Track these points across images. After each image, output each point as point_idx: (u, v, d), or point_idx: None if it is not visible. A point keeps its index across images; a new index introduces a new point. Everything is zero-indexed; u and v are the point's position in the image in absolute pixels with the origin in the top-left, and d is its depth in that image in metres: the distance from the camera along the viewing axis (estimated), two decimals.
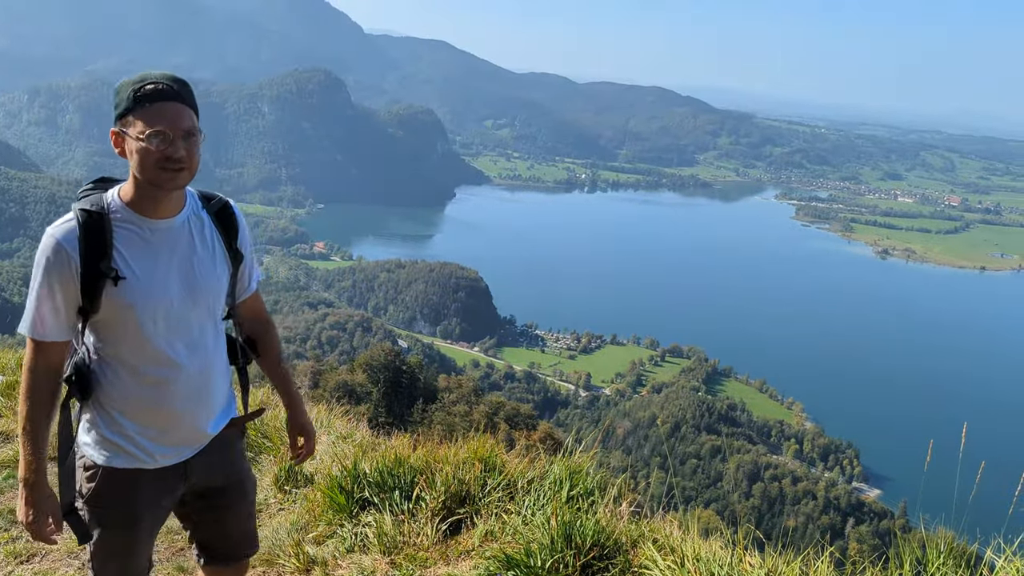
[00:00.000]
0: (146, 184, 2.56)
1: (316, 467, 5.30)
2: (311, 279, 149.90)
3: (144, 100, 2.50)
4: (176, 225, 2.66)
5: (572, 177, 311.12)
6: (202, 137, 2.61)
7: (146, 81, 2.53)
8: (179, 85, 2.58)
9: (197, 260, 2.69)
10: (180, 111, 2.53)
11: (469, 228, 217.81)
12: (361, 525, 4.43)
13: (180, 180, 2.55)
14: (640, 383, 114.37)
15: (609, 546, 3.86)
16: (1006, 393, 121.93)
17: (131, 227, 2.58)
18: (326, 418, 6.45)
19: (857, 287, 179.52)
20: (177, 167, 2.51)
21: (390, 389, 28.45)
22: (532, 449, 5.26)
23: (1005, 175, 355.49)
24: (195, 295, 2.68)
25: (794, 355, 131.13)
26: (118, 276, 2.52)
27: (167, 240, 2.64)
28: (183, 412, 2.74)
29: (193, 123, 2.56)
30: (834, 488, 72.37)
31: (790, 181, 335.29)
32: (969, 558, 3.31)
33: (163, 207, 2.62)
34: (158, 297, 2.59)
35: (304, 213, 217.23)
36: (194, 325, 2.71)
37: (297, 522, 4.68)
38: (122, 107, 2.53)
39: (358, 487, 4.65)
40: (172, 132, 2.50)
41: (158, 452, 2.74)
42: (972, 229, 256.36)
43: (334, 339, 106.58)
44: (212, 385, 2.81)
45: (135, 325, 2.58)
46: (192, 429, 2.80)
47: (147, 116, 2.49)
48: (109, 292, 2.52)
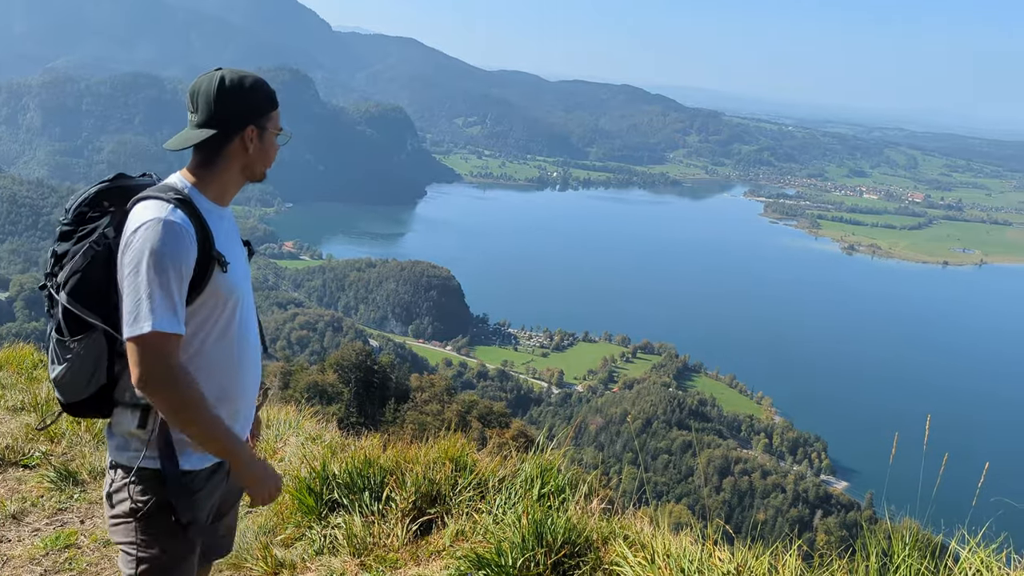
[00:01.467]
0: (243, 177, 2.69)
1: (284, 469, 5.25)
2: (280, 279, 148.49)
3: (277, 99, 2.68)
4: (230, 213, 2.76)
5: (544, 175, 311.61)
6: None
7: (265, 82, 2.65)
8: None
9: (241, 248, 2.77)
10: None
11: (441, 226, 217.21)
12: (330, 527, 4.40)
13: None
14: (612, 380, 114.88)
15: (580, 543, 3.86)
16: (970, 385, 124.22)
17: (214, 215, 2.59)
18: (295, 419, 6.39)
19: (824, 283, 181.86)
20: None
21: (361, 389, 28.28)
22: (504, 447, 5.25)
23: (967, 172, 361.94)
24: (248, 281, 2.76)
25: (764, 350, 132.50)
26: (225, 261, 2.53)
27: (233, 226, 2.73)
28: (250, 395, 2.78)
29: None
30: (803, 481, 73.23)
31: (758, 178, 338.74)
32: (934, 549, 3.35)
33: (233, 196, 2.74)
34: (242, 281, 2.66)
35: (273, 212, 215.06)
36: (253, 311, 2.79)
37: (265, 525, 4.63)
38: (267, 105, 2.64)
39: (327, 489, 4.61)
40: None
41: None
42: (935, 225, 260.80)
43: (304, 339, 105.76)
44: (261, 366, 2.88)
45: (232, 311, 2.60)
46: (248, 414, 2.82)
47: (278, 115, 2.70)
48: (217, 278, 2.51)
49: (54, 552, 4.40)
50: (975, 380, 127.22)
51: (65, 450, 5.76)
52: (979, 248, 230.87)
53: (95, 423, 5.90)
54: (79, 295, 2.47)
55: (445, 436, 5.01)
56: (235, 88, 2.55)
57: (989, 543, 3.22)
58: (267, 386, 3.25)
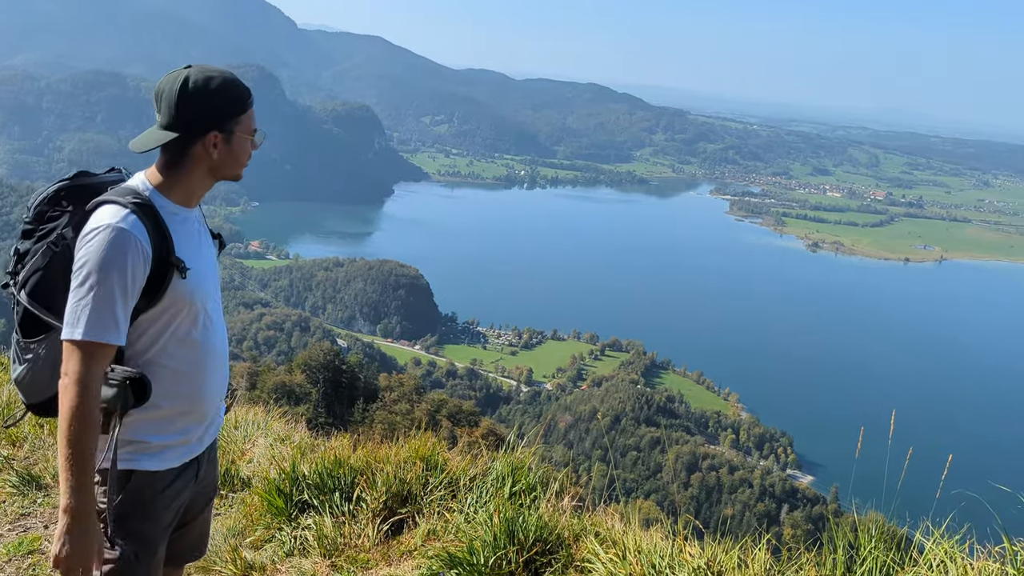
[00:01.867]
0: (212, 179, 2.62)
1: (253, 470, 5.20)
2: (246, 279, 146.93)
3: (250, 100, 2.61)
4: (198, 214, 2.71)
5: (511, 174, 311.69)
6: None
7: (242, 83, 2.58)
8: None
9: (210, 247, 2.74)
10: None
11: (409, 225, 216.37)
12: (300, 528, 4.37)
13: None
14: (581, 377, 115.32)
15: (552, 541, 3.87)
16: (933, 380, 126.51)
17: (177, 218, 2.53)
18: (263, 420, 6.33)
19: (789, 280, 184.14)
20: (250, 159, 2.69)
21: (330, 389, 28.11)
22: (474, 446, 5.25)
23: (927, 170, 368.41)
24: (216, 281, 2.72)
25: (730, 347, 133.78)
26: (185, 267, 2.46)
27: (197, 227, 2.65)
28: (215, 399, 2.73)
29: None
30: (769, 476, 74.13)
31: (724, 177, 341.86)
32: (899, 541, 3.40)
33: (201, 197, 2.67)
34: (206, 285, 2.59)
35: (238, 211, 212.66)
36: (220, 311, 2.74)
37: (234, 527, 4.59)
38: (235, 106, 2.55)
39: (297, 490, 4.58)
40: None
41: (190, 446, 2.67)
42: (897, 222, 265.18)
43: (271, 339, 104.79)
44: (228, 370, 2.83)
45: (193, 316, 2.55)
46: (215, 418, 2.78)
47: (251, 115, 2.62)
48: (176, 285, 2.45)
49: (17, 558, 4.31)
50: (938, 376, 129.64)
51: (28, 454, 5.65)
52: (939, 245, 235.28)
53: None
54: (38, 295, 2.46)
55: (415, 435, 5.00)
56: (198, 92, 2.47)
57: (952, 534, 3.28)
58: (234, 387, 3.22)
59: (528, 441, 4.73)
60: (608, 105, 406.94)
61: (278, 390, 24.46)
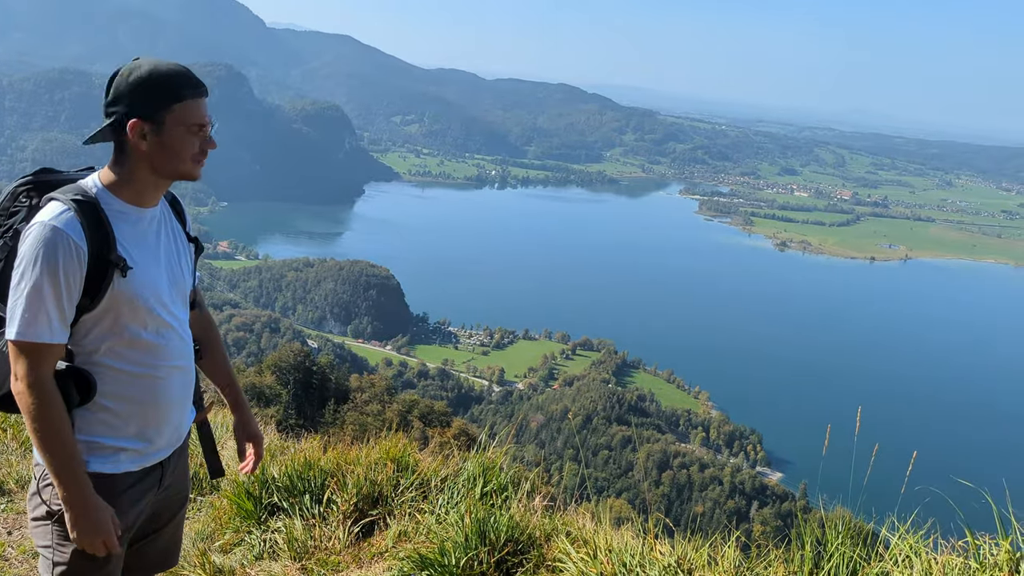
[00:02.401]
0: (170, 176, 2.54)
1: None
2: (215, 279, 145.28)
3: (192, 92, 2.50)
4: (158, 214, 2.63)
5: (482, 173, 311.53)
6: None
7: (182, 73, 2.50)
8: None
9: (173, 249, 2.67)
10: (206, 105, 2.59)
11: (379, 225, 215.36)
12: (270, 531, 4.33)
13: (201, 169, 2.59)
14: (552, 377, 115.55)
15: (523, 541, 3.87)
16: (898, 378, 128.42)
17: (126, 217, 2.48)
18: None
19: (758, 278, 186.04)
20: (205, 158, 2.58)
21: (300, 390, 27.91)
22: (446, 447, 5.24)
23: (892, 170, 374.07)
24: (176, 285, 2.64)
25: (701, 345, 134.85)
26: (126, 266, 2.41)
27: (153, 228, 2.59)
28: (174, 405, 2.66)
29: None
30: (739, 473, 74.76)
31: (693, 177, 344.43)
32: (866, 536, 3.45)
33: (156, 197, 2.59)
34: (156, 287, 2.52)
35: (207, 211, 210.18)
36: (180, 316, 2.65)
37: (202, 531, 4.54)
38: (165, 97, 2.45)
39: (266, 492, 4.54)
40: (209, 125, 2.56)
41: (147, 451, 2.60)
42: (862, 221, 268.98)
43: (241, 340, 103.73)
44: (193, 376, 2.78)
45: (139, 317, 2.48)
46: (179, 425, 2.72)
47: (192, 108, 2.49)
48: (117, 284, 2.40)
49: None
50: (904, 371, 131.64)
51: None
52: (904, 244, 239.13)
53: (22, 431, 5.72)
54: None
55: (386, 436, 4.98)
56: (124, 79, 2.44)
57: (917, 530, 3.33)
58: (205, 389, 3.17)
59: (500, 441, 4.73)
60: (578, 105, 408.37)
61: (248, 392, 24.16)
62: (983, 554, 3.10)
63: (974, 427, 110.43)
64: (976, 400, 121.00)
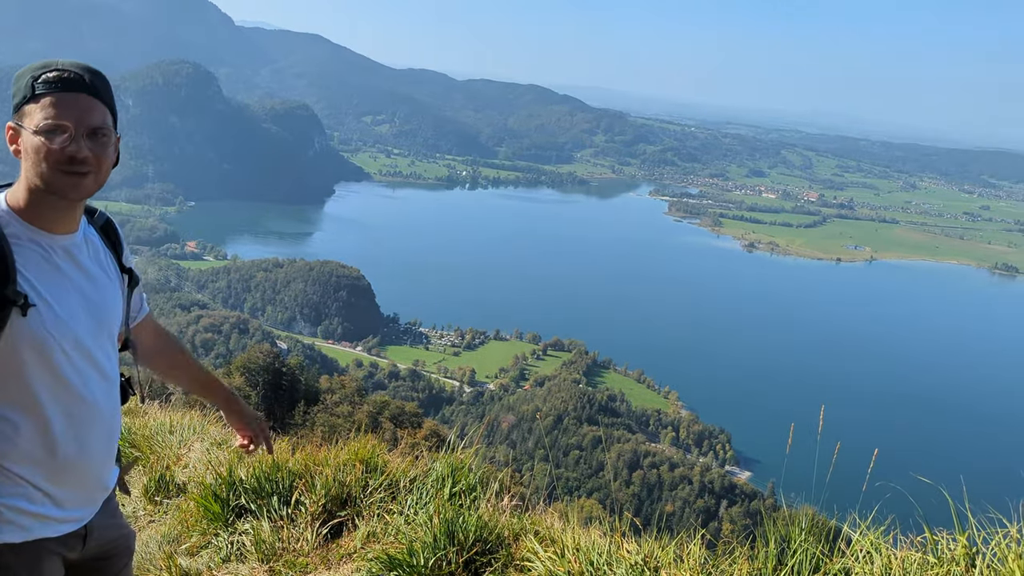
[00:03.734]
0: (43, 191, 2.12)
1: (189, 476, 5.10)
2: (183, 280, 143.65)
3: (45, 88, 2.08)
4: (78, 242, 2.26)
5: (453, 174, 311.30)
6: (115, 139, 2.20)
7: (50, 67, 2.11)
8: (91, 75, 2.17)
9: (97, 283, 2.30)
10: (90, 104, 2.12)
11: (350, 225, 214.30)
12: (238, 533, 4.31)
13: (84, 187, 2.12)
14: (523, 377, 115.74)
15: (492, 540, 3.89)
16: (862, 376, 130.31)
17: (32, 244, 2.14)
18: (200, 424, 6.22)
19: (726, 279, 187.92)
20: (81, 170, 2.09)
21: (269, 392, 27.63)
22: (416, 447, 5.24)
23: (857, 172, 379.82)
24: (100, 323, 2.28)
25: (670, 345, 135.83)
26: (27, 303, 2.06)
27: (69, 259, 2.22)
28: (94, 461, 2.31)
29: (105, 120, 2.15)
30: (708, 472, 75.41)
31: (663, 178, 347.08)
32: (828, 532, 3.51)
33: (65, 221, 2.20)
34: (71, 327, 2.17)
35: (174, 211, 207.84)
36: (102, 358, 2.29)
37: (169, 534, 4.50)
38: (19, 96, 2.12)
39: (234, 494, 4.51)
40: (76, 127, 2.08)
41: (63, 515, 2.27)
42: (829, 223, 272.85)
43: (209, 342, 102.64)
44: (118, 427, 2.43)
45: (46, 362, 2.12)
46: (100, 480, 2.38)
47: (48, 107, 2.07)
48: (15, 324, 2.06)
49: None
50: (867, 370, 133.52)
51: None
52: (869, 245, 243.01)
53: None
54: None
55: (356, 438, 4.97)
56: (13, 80, 2.17)
57: (878, 526, 3.40)
58: (125, 456, 2.82)
59: (469, 441, 4.74)
60: (549, 106, 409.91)
61: None
62: (941, 549, 3.17)
63: (934, 424, 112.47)
64: (937, 398, 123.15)
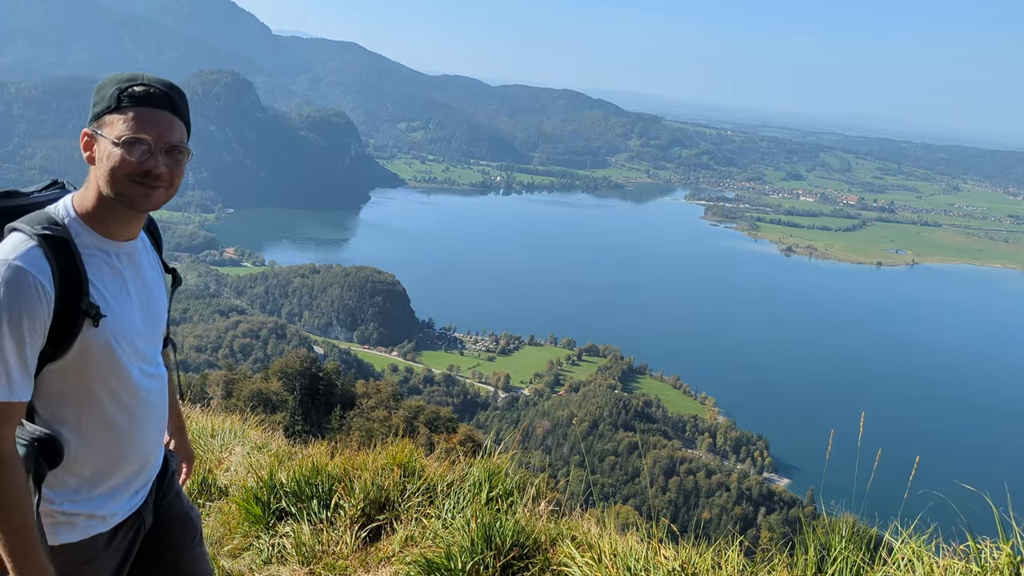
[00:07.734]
0: (114, 200, 2.16)
1: (231, 479, 5.18)
2: (222, 286, 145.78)
3: (130, 102, 2.13)
4: (139, 249, 2.34)
5: (487, 179, 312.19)
6: (189, 157, 2.25)
7: (136, 81, 2.16)
8: (175, 93, 2.21)
9: (151, 287, 2.37)
10: (170, 122, 2.17)
11: (385, 231, 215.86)
12: (279, 536, 4.36)
13: (155, 199, 2.17)
14: (558, 383, 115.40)
15: (529, 545, 3.90)
16: (904, 382, 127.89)
17: (99, 253, 2.19)
18: (240, 428, 6.31)
19: (764, 284, 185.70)
20: (155, 184, 2.14)
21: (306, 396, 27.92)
22: (452, 452, 5.27)
23: (898, 175, 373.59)
24: (153, 324, 2.36)
25: (707, 351, 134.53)
26: (99, 315, 2.11)
27: (131, 265, 2.29)
28: (149, 454, 2.41)
29: (182, 138, 2.20)
30: (746, 479, 74.48)
31: (698, 182, 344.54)
32: (869, 541, 3.47)
33: (130, 229, 2.26)
34: (133, 332, 2.24)
35: (213, 218, 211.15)
36: (155, 358, 2.39)
37: (211, 536, 4.58)
38: (101, 106, 2.15)
39: (275, 498, 4.57)
40: (156, 143, 2.13)
41: (117, 508, 2.34)
42: (869, 227, 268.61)
43: (247, 347, 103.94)
44: (167, 420, 2.52)
45: (112, 367, 2.18)
46: (152, 469, 2.47)
47: (131, 120, 2.11)
48: (86, 333, 2.10)
49: None
50: (910, 376, 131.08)
51: None
52: (911, 249, 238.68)
53: None
54: None
55: (392, 442, 5.01)
56: (95, 89, 2.22)
57: (920, 534, 3.35)
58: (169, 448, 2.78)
59: (505, 447, 4.76)
60: (583, 111, 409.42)
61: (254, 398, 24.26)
62: (984, 558, 3.12)
63: (978, 431, 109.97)
64: (980, 404, 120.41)
